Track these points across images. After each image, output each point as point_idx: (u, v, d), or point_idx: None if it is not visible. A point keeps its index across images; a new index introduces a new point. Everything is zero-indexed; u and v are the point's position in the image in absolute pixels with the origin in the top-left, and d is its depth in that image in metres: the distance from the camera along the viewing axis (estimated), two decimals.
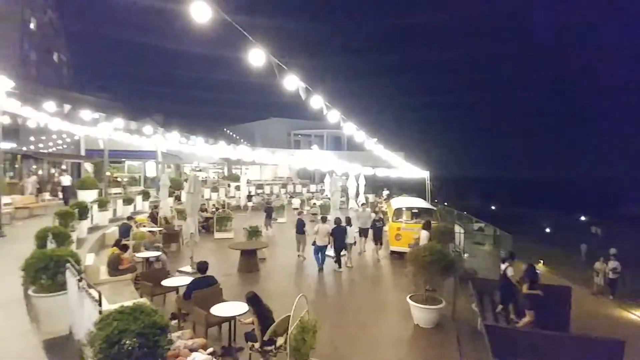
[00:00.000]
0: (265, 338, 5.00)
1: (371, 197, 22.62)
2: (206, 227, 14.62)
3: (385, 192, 22.78)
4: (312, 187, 30.55)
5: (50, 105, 10.38)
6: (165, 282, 6.97)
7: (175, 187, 19.17)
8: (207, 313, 5.60)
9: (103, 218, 12.97)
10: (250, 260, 9.90)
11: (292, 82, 5.06)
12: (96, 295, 3.19)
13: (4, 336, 4.37)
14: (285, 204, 19.46)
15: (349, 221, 10.56)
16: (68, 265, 4.43)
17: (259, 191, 25.47)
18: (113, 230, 11.43)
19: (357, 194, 18.29)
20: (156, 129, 14.20)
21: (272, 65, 4.54)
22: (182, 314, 6.38)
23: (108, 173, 19.83)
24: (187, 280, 6.91)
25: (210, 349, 4.75)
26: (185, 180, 21.22)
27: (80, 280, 3.70)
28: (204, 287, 6.21)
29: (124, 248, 8.31)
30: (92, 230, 11.49)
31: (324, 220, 10.52)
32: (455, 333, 6.33)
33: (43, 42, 58.13)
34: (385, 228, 12.01)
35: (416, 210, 12.17)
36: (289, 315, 4.94)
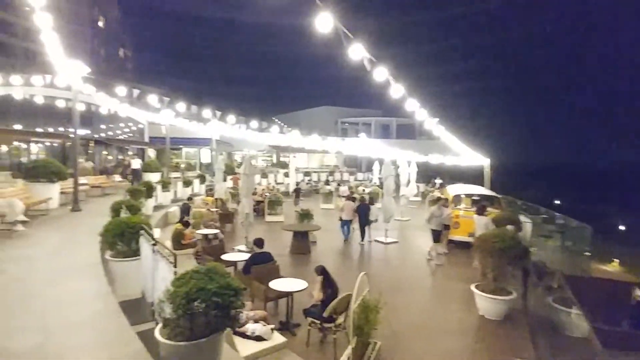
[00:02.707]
0: (325, 314, 4.94)
1: (422, 187, 21.81)
2: (257, 210, 15.00)
3: (438, 181, 21.82)
4: (360, 175, 30.19)
5: (121, 89, 11.10)
6: (225, 257, 7.19)
7: (228, 172, 19.91)
8: (266, 287, 5.67)
9: (166, 198, 13.81)
10: (302, 242, 9.98)
11: (357, 52, 4.85)
12: (172, 258, 3.27)
13: (86, 296, 4.72)
14: (333, 190, 19.40)
15: (372, 200, 11.76)
16: (142, 232, 4.65)
17: (307, 178, 25.65)
18: (174, 210, 12.12)
19: (408, 182, 17.69)
20: (214, 113, 14.71)
21: (339, 33, 4.36)
22: (241, 288, 6.54)
23: (173, 158, 21.15)
24: (244, 256, 7.10)
25: (270, 321, 4.82)
26: (238, 166, 21.97)
27: (154, 244, 3.84)
28: (262, 262, 6.31)
29: (186, 225, 8.72)
30: (156, 208, 12.25)
31: (348, 198, 12.25)
32: (528, 327, 5.83)
33: (110, 39, 62.81)
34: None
35: (477, 197, 11.44)
36: (350, 294, 4.86)
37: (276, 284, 5.61)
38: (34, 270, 5.58)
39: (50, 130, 27.83)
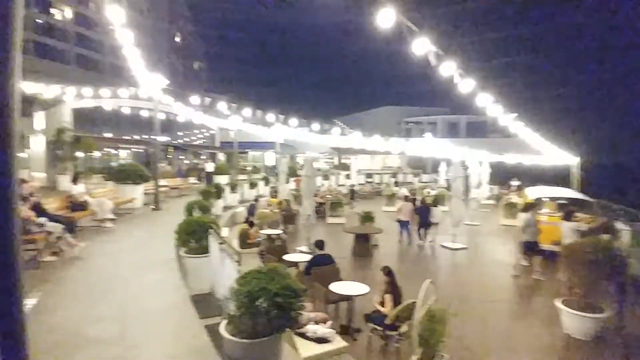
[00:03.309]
0: (388, 322, 4.74)
1: (496, 189, 20.20)
2: (319, 212, 15.11)
3: (515, 183, 20.01)
4: (425, 177, 28.98)
5: (195, 99, 12.02)
6: (287, 257, 7.31)
7: (291, 174, 20.43)
8: (326, 289, 5.62)
9: (233, 199, 14.59)
10: (363, 245, 9.80)
11: (422, 46, 4.59)
12: (236, 256, 3.37)
13: (162, 289, 5.11)
14: (395, 192, 18.85)
15: (434, 202, 11.71)
16: (211, 231, 4.90)
17: (369, 180, 25.31)
18: (241, 210, 12.73)
19: (479, 184, 16.48)
20: (277, 116, 15.24)
21: (402, 28, 4.15)
22: (302, 289, 6.59)
23: (241, 161, 22.40)
24: (305, 257, 7.15)
25: (331, 323, 4.74)
26: (300, 168, 22.47)
27: (221, 243, 4.00)
28: (323, 264, 6.29)
29: (251, 225, 9.07)
30: (225, 209, 12.98)
31: (406, 199, 12.09)
32: (623, 350, 5.02)
33: (186, 54, 68.61)
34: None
35: (564, 201, 10.15)
36: (414, 302, 4.60)
37: (337, 287, 5.53)
38: (118, 263, 6.21)
39: (136, 137, 31.17)
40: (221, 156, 30.29)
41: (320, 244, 6.64)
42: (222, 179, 15.47)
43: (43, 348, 3.24)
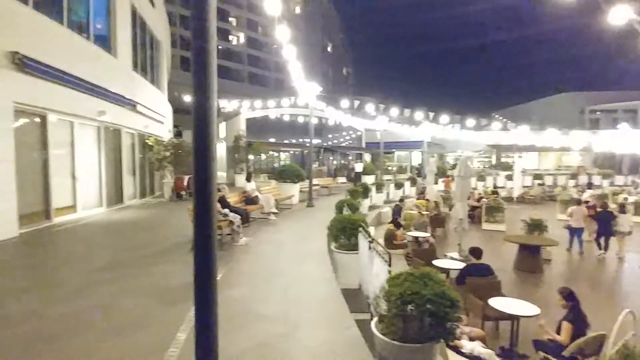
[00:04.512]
0: (566, 354, 3.91)
1: None
2: (473, 216, 13.80)
3: None
4: (619, 179, 22.94)
5: (344, 102, 12.72)
6: (436, 262, 6.89)
7: (440, 174, 19.35)
8: (484, 304, 5.02)
9: (379, 199, 14.76)
10: (531, 258, 8.39)
11: (621, 15, 3.58)
12: (386, 256, 3.33)
13: (317, 278, 5.52)
14: (575, 196, 15.49)
15: (622, 208, 10.25)
16: (360, 229, 5.03)
17: (538, 181, 21.61)
18: (387, 210, 12.75)
19: None
20: (426, 115, 14.67)
21: None
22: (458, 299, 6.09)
23: (386, 162, 22.70)
24: (458, 265, 6.58)
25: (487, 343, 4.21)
26: (450, 168, 21.00)
27: (371, 241, 4.04)
28: (480, 275, 5.65)
29: (398, 225, 8.95)
30: (371, 208, 13.25)
31: (579, 202, 10.93)
32: None
33: (336, 61, 73.36)
34: None
35: None
36: (603, 334, 3.71)
37: (498, 303, 4.87)
38: (280, 251, 7.04)
39: (293, 141, 35.12)
40: (367, 156, 31.15)
41: (477, 252, 6.00)
42: (369, 179, 15.87)
43: (223, 317, 3.92)
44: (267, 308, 4.34)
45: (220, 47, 52.57)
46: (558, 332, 4.25)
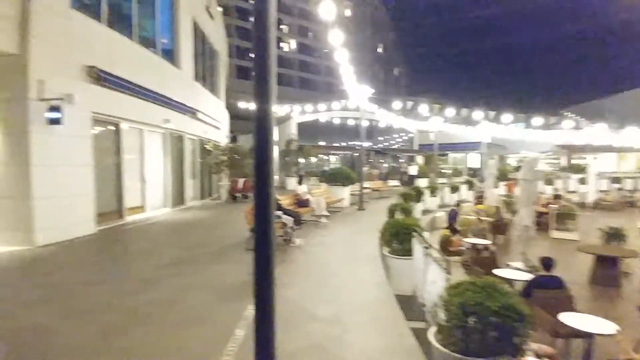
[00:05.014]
0: None
1: None
2: (540, 223, 12.71)
3: None
4: None
5: (396, 104, 12.45)
6: (498, 272, 6.42)
7: (501, 177, 18.14)
8: (554, 319, 4.58)
9: (433, 203, 14.19)
10: (608, 271, 7.51)
11: None
12: (444, 263, 3.17)
13: (369, 282, 5.43)
14: None
15: None
16: (415, 234, 4.85)
17: (616, 186, 19.39)
18: (441, 215, 12.19)
19: None
20: (486, 114, 13.85)
21: None
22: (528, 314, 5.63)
23: (440, 164, 21.91)
24: (523, 275, 6.08)
25: None
26: (512, 170, 19.60)
27: (427, 247, 3.88)
28: (549, 287, 5.16)
29: (454, 231, 8.53)
30: (424, 212, 12.77)
31: None
32: None
33: (387, 62, 72.29)
34: None
35: None
36: None
37: (570, 318, 4.41)
38: (331, 254, 7.04)
39: (343, 144, 35.11)
40: (419, 159, 30.18)
41: (548, 263, 5.48)
42: (422, 182, 15.35)
43: (277, 315, 4.00)
44: (321, 309, 4.35)
45: None
46: (637, 352, 3.74)
